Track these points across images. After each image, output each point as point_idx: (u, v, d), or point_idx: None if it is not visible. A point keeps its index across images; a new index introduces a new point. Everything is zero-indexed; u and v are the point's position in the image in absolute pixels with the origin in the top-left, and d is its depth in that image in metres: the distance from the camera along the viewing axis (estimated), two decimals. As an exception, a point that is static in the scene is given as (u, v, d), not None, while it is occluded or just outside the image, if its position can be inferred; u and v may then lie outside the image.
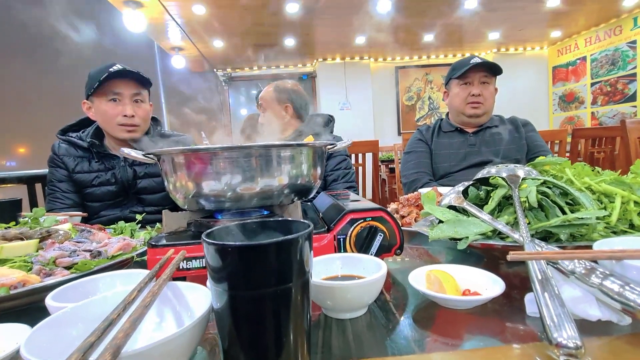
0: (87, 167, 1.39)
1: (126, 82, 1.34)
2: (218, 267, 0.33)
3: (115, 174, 1.39)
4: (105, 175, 1.39)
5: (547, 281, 0.43)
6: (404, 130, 6.47)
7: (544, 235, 0.59)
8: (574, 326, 0.36)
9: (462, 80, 1.70)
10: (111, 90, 1.32)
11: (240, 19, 4.51)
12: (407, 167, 1.78)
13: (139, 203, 1.43)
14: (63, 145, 1.42)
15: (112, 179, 1.39)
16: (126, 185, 1.40)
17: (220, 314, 0.34)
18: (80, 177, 1.38)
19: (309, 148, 0.71)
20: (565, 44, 5.91)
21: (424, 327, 0.47)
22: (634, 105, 4.84)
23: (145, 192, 1.43)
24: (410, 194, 0.99)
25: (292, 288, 0.33)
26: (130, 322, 0.31)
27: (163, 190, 1.45)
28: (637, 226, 0.59)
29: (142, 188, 1.42)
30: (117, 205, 1.41)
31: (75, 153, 1.41)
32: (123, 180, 1.39)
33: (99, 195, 1.38)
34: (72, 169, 1.38)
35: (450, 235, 0.59)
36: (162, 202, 1.45)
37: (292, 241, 0.32)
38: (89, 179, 1.38)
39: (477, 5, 4.37)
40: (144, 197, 1.43)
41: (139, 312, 0.33)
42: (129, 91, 1.34)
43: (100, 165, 1.39)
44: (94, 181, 1.38)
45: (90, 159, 1.40)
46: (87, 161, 1.40)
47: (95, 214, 1.39)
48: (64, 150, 1.41)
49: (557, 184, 0.61)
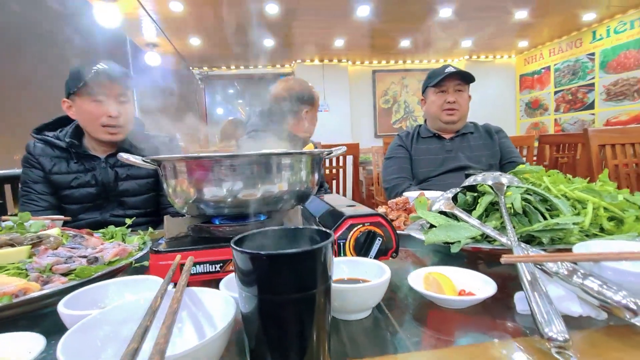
0: (65, 167, 1.34)
1: (111, 82, 1.29)
2: (249, 274, 0.35)
3: (95, 175, 1.34)
4: (85, 176, 1.34)
5: (535, 281, 0.48)
6: (381, 133, 6.60)
7: (527, 238, 0.64)
8: (562, 321, 0.41)
9: (438, 89, 1.78)
10: (96, 89, 1.27)
11: (218, 18, 4.45)
12: (388, 172, 1.84)
13: (119, 206, 1.39)
14: (39, 145, 1.36)
15: (92, 181, 1.34)
16: (107, 187, 1.36)
17: (248, 317, 0.36)
18: (58, 178, 1.33)
19: (308, 155, 0.74)
20: (531, 53, 6.26)
21: (425, 325, 0.51)
22: (592, 113, 5.20)
23: (126, 195, 1.39)
24: (398, 199, 1.04)
25: (316, 293, 0.36)
26: (166, 328, 0.32)
27: (146, 192, 1.42)
28: (606, 230, 0.66)
29: (124, 190, 1.38)
30: (97, 208, 1.37)
31: (52, 153, 1.35)
32: (104, 182, 1.35)
33: (78, 197, 1.34)
34: (49, 169, 1.33)
35: (443, 239, 0.64)
36: (144, 205, 1.42)
37: (319, 250, 0.35)
38: (67, 180, 1.33)
39: (451, 14, 4.55)
40: (125, 200, 1.39)
41: (171, 319, 0.34)
42: (114, 91, 1.30)
43: (80, 166, 1.34)
44: (72, 182, 1.33)
45: (68, 159, 1.35)
46: (65, 162, 1.34)
47: (73, 216, 1.33)
48: (40, 150, 1.34)
49: (538, 191, 0.67)
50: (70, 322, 0.46)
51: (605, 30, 4.98)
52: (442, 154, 1.77)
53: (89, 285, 0.53)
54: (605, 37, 4.99)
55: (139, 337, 0.31)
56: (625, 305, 0.42)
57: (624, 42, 4.74)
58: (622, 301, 0.42)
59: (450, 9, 4.43)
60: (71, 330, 0.35)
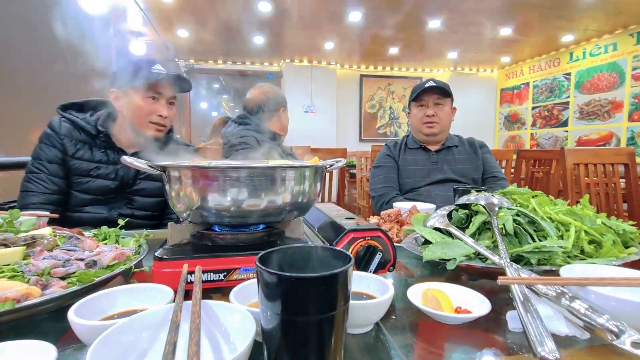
0: (88, 154, 1.28)
1: (170, 85, 1.30)
2: (273, 293, 0.36)
3: (117, 169, 1.30)
4: (106, 168, 1.29)
5: (527, 302, 0.51)
6: (365, 137, 6.69)
7: (516, 258, 0.69)
8: (553, 341, 0.45)
9: (418, 103, 1.86)
10: (154, 89, 1.27)
11: (209, 12, 4.39)
12: (375, 181, 1.88)
13: (128, 204, 1.35)
14: (65, 125, 1.29)
15: (112, 174, 1.29)
16: (125, 183, 1.32)
17: (270, 333, 0.38)
18: (78, 164, 1.27)
19: (312, 168, 0.76)
20: (512, 69, 6.51)
21: (422, 340, 0.54)
22: (566, 130, 5.47)
23: (140, 194, 1.35)
24: (390, 210, 1.07)
25: (337, 314, 0.38)
26: (195, 345, 0.34)
27: (160, 195, 1.39)
28: (586, 252, 0.71)
29: (140, 189, 1.35)
30: (106, 203, 1.31)
31: (78, 136, 1.28)
32: (124, 177, 1.31)
33: (93, 187, 1.28)
34: (72, 153, 1.27)
35: (440, 256, 0.67)
36: (153, 207, 1.39)
37: (343, 273, 0.37)
38: (87, 167, 1.27)
39: (439, 26, 4.68)
40: (136, 199, 1.35)
41: (197, 335, 0.36)
42: (169, 94, 1.31)
43: (104, 156, 1.29)
44: (92, 172, 1.28)
45: (92, 146, 1.29)
46: (89, 148, 1.29)
47: (79, 206, 1.28)
48: (66, 131, 1.28)
49: (528, 214, 0.72)
50: (81, 330, 0.46)
51: (581, 52, 5.26)
52: (428, 166, 1.83)
53: (96, 293, 0.52)
54: (581, 58, 5.26)
55: (170, 354, 0.32)
56: (608, 327, 0.46)
57: (598, 64, 5.02)
58: (605, 324, 0.46)
59: (439, 21, 4.55)
60: (96, 342, 0.36)
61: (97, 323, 0.45)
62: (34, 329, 0.57)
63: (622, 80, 4.71)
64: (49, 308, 0.58)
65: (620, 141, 4.74)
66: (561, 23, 4.59)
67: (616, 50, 4.80)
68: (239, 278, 0.65)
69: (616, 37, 4.81)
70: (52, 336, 0.53)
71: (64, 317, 0.57)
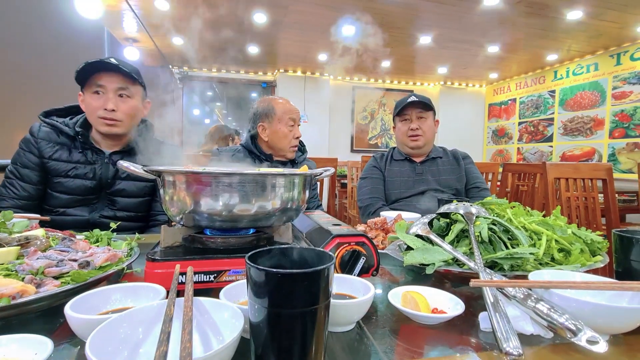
0: (66, 156, 1.31)
1: (110, 76, 1.30)
2: (262, 288, 0.40)
3: (95, 169, 1.32)
4: (84, 168, 1.31)
5: (497, 303, 0.56)
6: (357, 148, 6.78)
7: (490, 264, 0.73)
8: (517, 338, 0.49)
9: (402, 117, 1.93)
10: (95, 82, 1.29)
11: (205, 20, 4.45)
12: (362, 192, 1.93)
13: (110, 205, 1.36)
14: (44, 129, 1.32)
15: (90, 174, 1.32)
16: (103, 183, 1.34)
17: (258, 326, 0.41)
18: (55, 165, 1.30)
19: (301, 176, 0.79)
20: (500, 85, 6.70)
21: (400, 338, 0.57)
22: (550, 145, 5.64)
23: (120, 195, 1.37)
24: (377, 219, 1.11)
25: (319, 308, 0.41)
26: (187, 334, 0.37)
27: (142, 196, 1.41)
28: (556, 259, 0.76)
29: (120, 190, 1.36)
30: (86, 204, 1.33)
31: (57, 139, 1.32)
32: (102, 177, 1.33)
33: (71, 187, 1.30)
34: (49, 155, 1.30)
35: (420, 261, 0.71)
36: (136, 208, 1.40)
37: (325, 270, 0.41)
38: (65, 168, 1.30)
39: (430, 42, 4.82)
40: (117, 200, 1.36)
41: (190, 325, 0.39)
42: (113, 85, 1.31)
43: (82, 157, 1.32)
44: (70, 172, 1.30)
45: (71, 148, 1.32)
46: (67, 150, 1.32)
47: (60, 207, 1.30)
48: (44, 134, 1.31)
49: (502, 223, 0.77)
50: (77, 324, 0.48)
51: (565, 70, 5.46)
52: (413, 177, 1.88)
53: (91, 290, 0.55)
54: (565, 77, 5.46)
55: (165, 342, 0.35)
56: (567, 326, 0.50)
57: (581, 83, 5.22)
58: (565, 323, 0.51)
59: (429, 37, 4.69)
60: (94, 332, 0.39)
61: (94, 317, 0.47)
62: (28, 326, 0.59)
63: (603, 98, 4.89)
64: (44, 305, 0.60)
65: (602, 157, 4.90)
66: (546, 43, 4.77)
67: (597, 70, 5.00)
68: (229, 280, 0.68)
69: (597, 58, 5.02)
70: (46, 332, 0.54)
71: (58, 315, 0.59)
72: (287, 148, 1.74)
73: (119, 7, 4.21)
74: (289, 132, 1.73)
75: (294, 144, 1.77)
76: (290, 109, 1.76)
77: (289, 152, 1.76)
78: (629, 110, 4.60)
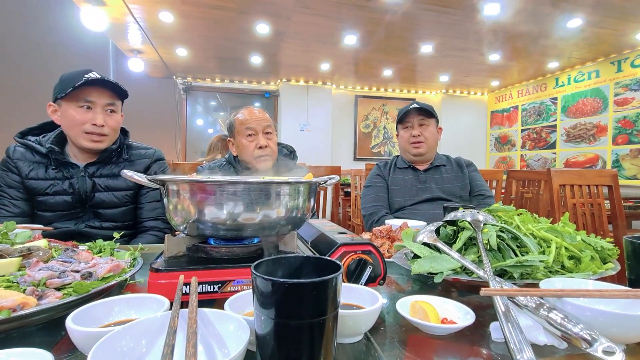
0: (42, 173, 1.32)
1: (101, 91, 1.31)
2: (268, 299, 0.39)
3: (72, 183, 1.33)
4: (62, 184, 1.32)
5: (509, 312, 0.54)
6: (360, 156, 6.78)
7: (499, 272, 0.72)
8: (531, 350, 0.47)
9: (404, 125, 1.94)
10: (84, 97, 1.28)
11: (208, 32, 4.51)
12: (366, 200, 1.92)
13: (95, 217, 1.37)
14: (19, 149, 1.34)
15: (69, 189, 1.33)
16: (83, 196, 1.34)
17: (264, 337, 0.40)
18: (34, 184, 1.31)
19: (306, 184, 0.79)
20: (502, 92, 6.72)
21: (409, 349, 0.56)
22: (553, 152, 5.62)
23: (102, 207, 1.37)
24: (382, 227, 1.10)
25: (327, 319, 0.40)
26: (192, 347, 0.36)
27: (123, 205, 1.41)
28: (566, 267, 0.74)
29: (100, 202, 1.36)
30: (72, 217, 1.35)
31: (32, 158, 1.34)
32: (80, 191, 1.33)
33: (53, 204, 1.32)
34: (26, 174, 1.31)
35: (428, 269, 0.70)
36: (121, 217, 1.41)
37: (333, 280, 0.40)
38: (43, 186, 1.31)
39: (432, 51, 4.85)
40: (100, 212, 1.37)
41: (194, 338, 0.38)
42: (103, 100, 1.31)
43: (58, 173, 1.33)
44: (48, 189, 1.31)
45: (47, 165, 1.34)
46: (43, 167, 1.33)
47: (47, 224, 1.31)
48: (19, 155, 1.33)
49: (511, 230, 0.76)
50: (79, 337, 0.47)
51: (566, 78, 5.46)
52: (417, 185, 1.87)
53: (93, 302, 0.54)
54: (566, 84, 5.47)
55: (169, 355, 0.34)
56: (582, 336, 0.49)
57: (582, 90, 5.22)
58: (580, 333, 0.49)
59: (431, 46, 4.72)
60: (96, 346, 0.38)
61: (96, 330, 0.46)
62: (29, 339, 0.58)
63: (605, 105, 4.89)
64: (45, 318, 0.59)
65: (606, 163, 4.87)
66: (547, 50, 4.79)
67: (599, 77, 5.00)
68: (234, 290, 0.66)
69: (598, 65, 5.03)
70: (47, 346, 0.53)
71: (59, 328, 0.58)
72: (251, 159, 1.63)
73: (124, 20, 4.28)
74: (249, 144, 1.62)
75: (259, 154, 1.62)
76: (246, 120, 1.64)
77: (256, 162, 1.64)
78: (631, 116, 4.58)
